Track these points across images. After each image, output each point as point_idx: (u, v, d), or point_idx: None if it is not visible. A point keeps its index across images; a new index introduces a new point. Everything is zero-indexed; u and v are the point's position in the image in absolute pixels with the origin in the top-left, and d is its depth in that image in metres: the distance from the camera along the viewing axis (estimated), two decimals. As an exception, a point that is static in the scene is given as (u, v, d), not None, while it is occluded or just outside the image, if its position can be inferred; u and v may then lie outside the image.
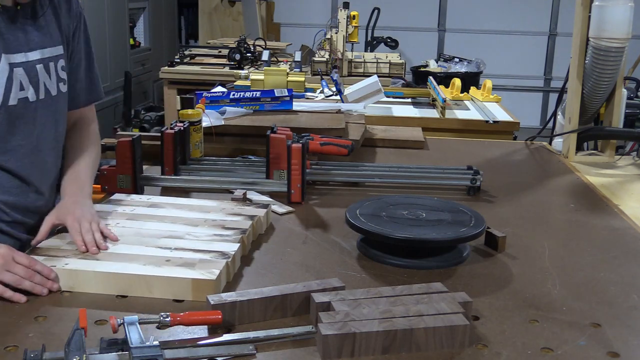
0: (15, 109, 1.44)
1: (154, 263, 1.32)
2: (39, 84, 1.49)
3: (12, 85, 1.43)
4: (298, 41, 6.08)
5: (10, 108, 1.43)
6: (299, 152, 1.80)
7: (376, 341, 1.09)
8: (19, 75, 1.44)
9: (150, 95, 6.97)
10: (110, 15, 5.91)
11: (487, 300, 1.31)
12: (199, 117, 2.08)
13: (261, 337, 1.11)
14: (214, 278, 1.26)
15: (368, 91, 3.10)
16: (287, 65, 4.46)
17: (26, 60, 1.46)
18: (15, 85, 1.43)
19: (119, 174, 1.85)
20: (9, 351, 1.08)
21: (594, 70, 2.34)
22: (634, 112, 2.75)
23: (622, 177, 2.32)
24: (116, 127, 5.17)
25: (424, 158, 2.41)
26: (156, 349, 1.02)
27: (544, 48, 8.00)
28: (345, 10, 4.11)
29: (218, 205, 1.67)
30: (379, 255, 1.48)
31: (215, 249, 1.39)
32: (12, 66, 1.43)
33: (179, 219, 1.57)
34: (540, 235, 1.68)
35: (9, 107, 1.43)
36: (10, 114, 1.44)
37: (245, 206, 1.68)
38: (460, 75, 4.05)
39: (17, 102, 1.44)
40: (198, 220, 1.56)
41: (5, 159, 1.47)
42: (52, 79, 1.52)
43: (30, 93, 1.47)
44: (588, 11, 2.34)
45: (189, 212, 1.61)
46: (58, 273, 1.29)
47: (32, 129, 1.50)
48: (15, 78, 1.43)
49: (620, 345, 1.16)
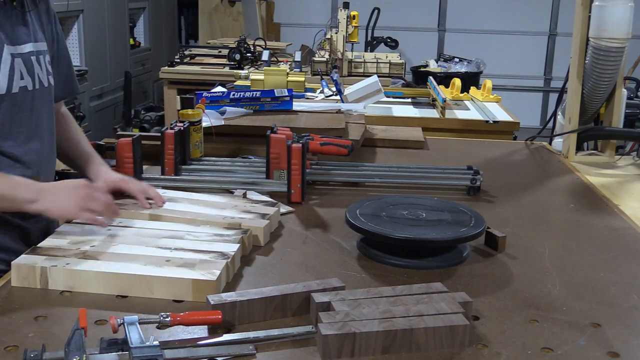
0: (17, 97, 1.50)
1: (154, 263, 1.32)
2: (34, 74, 1.54)
3: (15, 74, 1.49)
4: (298, 41, 6.08)
5: (14, 96, 1.49)
6: (299, 152, 1.80)
7: (376, 341, 1.09)
8: (19, 65, 1.50)
9: (150, 95, 6.97)
10: (110, 15, 5.91)
11: (487, 300, 1.31)
12: (199, 117, 2.08)
13: (261, 337, 1.12)
14: (214, 279, 1.26)
15: (368, 91, 3.10)
16: (287, 65, 4.46)
17: (22, 52, 1.52)
18: (17, 74, 1.49)
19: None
20: (9, 351, 1.08)
21: (594, 70, 2.34)
22: (634, 112, 2.75)
23: (622, 177, 2.32)
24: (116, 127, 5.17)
25: (424, 158, 2.41)
26: (156, 349, 1.02)
27: (544, 48, 8.01)
28: (345, 10, 4.11)
29: (229, 201, 1.71)
30: (379, 255, 1.48)
31: (215, 250, 1.39)
32: (14, 56, 1.49)
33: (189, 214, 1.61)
34: (540, 235, 1.68)
35: (12, 95, 1.49)
36: (14, 101, 1.49)
37: (256, 204, 1.70)
38: (460, 75, 4.05)
39: (19, 90, 1.50)
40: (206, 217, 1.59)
41: (8, 144, 1.51)
42: (43, 71, 1.58)
43: (29, 82, 1.53)
44: (588, 11, 2.34)
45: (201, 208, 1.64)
46: (58, 273, 1.29)
47: (30, 117, 1.55)
48: (16, 68, 1.49)
49: (620, 345, 1.16)
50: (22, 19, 1.53)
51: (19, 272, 1.31)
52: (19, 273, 1.31)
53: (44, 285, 1.30)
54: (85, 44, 5.50)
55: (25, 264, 1.31)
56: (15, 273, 1.31)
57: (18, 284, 1.31)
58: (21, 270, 1.31)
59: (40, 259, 1.32)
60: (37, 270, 1.30)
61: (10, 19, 1.50)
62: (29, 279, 1.30)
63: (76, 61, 5.50)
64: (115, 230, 1.48)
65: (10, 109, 1.49)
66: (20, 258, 1.33)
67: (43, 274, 1.30)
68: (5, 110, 1.48)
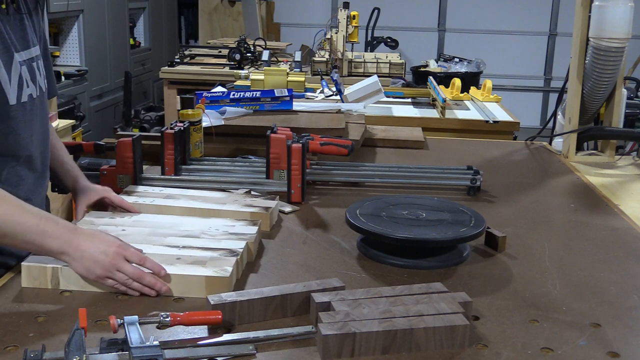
0: (26, 106, 1.47)
1: (165, 261, 1.32)
2: (36, 80, 1.52)
3: (23, 83, 1.46)
4: (298, 41, 6.09)
5: (24, 105, 1.46)
6: (299, 152, 1.80)
7: (376, 341, 1.09)
8: (24, 73, 1.47)
9: (150, 95, 6.97)
10: (110, 15, 5.91)
11: (487, 300, 1.31)
12: (199, 117, 2.08)
13: (261, 337, 1.12)
14: (227, 275, 1.27)
15: (368, 91, 3.10)
16: (287, 65, 4.46)
17: (26, 58, 1.49)
18: (24, 82, 1.47)
19: (118, 174, 1.85)
20: (9, 351, 1.08)
21: (594, 70, 2.34)
22: (634, 112, 2.75)
23: (622, 177, 2.32)
24: (116, 127, 5.18)
25: (424, 158, 2.41)
26: (156, 349, 1.02)
27: (544, 48, 8.00)
28: (345, 10, 4.11)
29: (229, 197, 1.73)
30: (379, 255, 1.48)
31: (223, 247, 1.40)
32: (21, 64, 1.46)
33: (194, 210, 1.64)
34: (540, 235, 1.68)
35: (22, 104, 1.46)
36: (25, 110, 1.47)
37: (255, 198, 1.73)
38: (460, 75, 4.05)
39: (27, 98, 1.47)
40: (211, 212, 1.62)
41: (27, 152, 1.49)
42: (41, 76, 1.55)
43: (33, 90, 1.50)
44: (588, 11, 2.34)
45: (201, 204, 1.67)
46: (70, 273, 1.28)
47: (37, 123, 1.53)
48: (23, 76, 1.46)
49: (620, 345, 1.16)
50: (20, 24, 1.49)
51: (29, 273, 1.30)
52: (30, 274, 1.29)
53: (55, 285, 1.29)
54: (85, 44, 5.50)
55: (36, 264, 1.29)
56: (25, 274, 1.30)
57: (29, 284, 1.30)
58: (31, 271, 1.29)
59: (49, 259, 1.30)
60: (48, 270, 1.29)
61: (9, 23, 1.45)
62: (40, 280, 1.29)
63: (76, 61, 5.51)
64: (121, 230, 1.49)
65: (21, 117, 1.45)
66: (29, 258, 1.32)
67: (54, 275, 1.29)
68: (18, 120, 1.44)
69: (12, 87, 1.41)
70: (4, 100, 1.39)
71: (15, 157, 1.46)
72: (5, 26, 1.42)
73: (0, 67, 1.38)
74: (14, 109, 1.42)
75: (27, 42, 1.50)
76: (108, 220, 1.56)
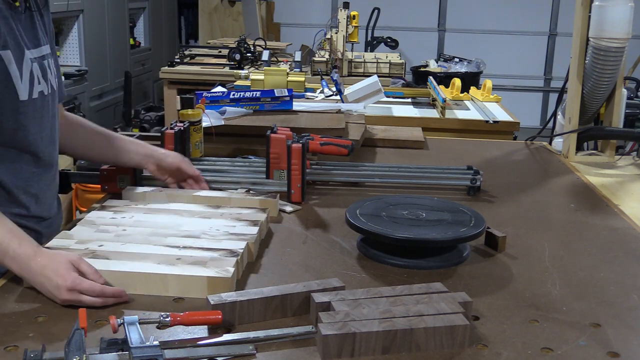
0: (37, 102, 1.48)
1: (166, 262, 1.32)
2: (47, 77, 1.53)
3: (34, 80, 1.47)
4: (298, 41, 6.09)
5: (34, 101, 1.48)
6: (299, 152, 1.80)
7: (376, 341, 1.09)
8: (35, 70, 1.48)
9: (150, 95, 6.98)
10: (110, 15, 5.92)
11: (487, 300, 1.31)
12: (199, 117, 2.08)
13: (261, 337, 1.12)
14: (229, 276, 1.27)
15: (368, 91, 3.10)
16: (287, 65, 4.46)
17: (37, 55, 1.50)
18: (35, 79, 1.48)
19: (119, 174, 1.84)
20: (9, 351, 1.08)
21: (594, 70, 2.34)
22: (634, 112, 2.74)
23: (622, 177, 2.32)
24: (116, 127, 5.17)
25: (424, 158, 2.41)
26: (156, 349, 1.02)
27: (544, 48, 8.01)
28: (345, 10, 4.11)
29: (229, 195, 1.75)
30: (379, 255, 1.48)
31: (223, 247, 1.40)
32: (32, 61, 1.47)
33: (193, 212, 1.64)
34: (540, 235, 1.68)
35: (33, 100, 1.47)
36: (35, 106, 1.48)
37: (255, 196, 1.75)
38: (460, 75, 4.05)
39: (38, 95, 1.49)
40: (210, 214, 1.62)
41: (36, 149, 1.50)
42: (52, 74, 1.57)
43: (44, 87, 1.51)
44: (588, 11, 2.34)
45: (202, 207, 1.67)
46: None
47: (47, 120, 1.54)
48: (34, 73, 1.48)
49: (620, 345, 1.16)
50: (31, 21, 1.51)
51: None
52: None
53: None
54: (85, 44, 5.50)
55: None
56: None
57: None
58: None
59: None
60: None
61: (22, 23, 1.48)
62: None
63: (76, 61, 5.51)
64: (122, 230, 1.49)
65: (32, 114, 1.47)
66: None
67: None
68: (28, 116, 1.46)
69: (23, 84, 1.43)
70: (14, 96, 1.41)
71: (24, 152, 1.47)
72: (16, 24, 1.44)
73: (12, 63, 1.39)
74: (25, 104, 1.44)
75: (37, 40, 1.52)
76: (108, 220, 1.56)
